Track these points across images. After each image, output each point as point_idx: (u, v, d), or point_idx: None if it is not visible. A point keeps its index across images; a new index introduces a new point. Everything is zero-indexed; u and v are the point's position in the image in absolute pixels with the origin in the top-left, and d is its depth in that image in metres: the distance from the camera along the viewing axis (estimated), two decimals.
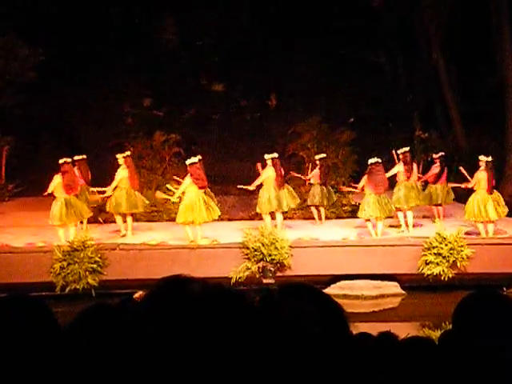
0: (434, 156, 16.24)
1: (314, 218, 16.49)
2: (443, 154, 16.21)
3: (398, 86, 24.56)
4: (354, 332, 2.30)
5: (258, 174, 15.06)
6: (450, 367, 2.16)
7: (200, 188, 13.87)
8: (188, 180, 13.79)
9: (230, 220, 16.65)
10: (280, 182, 14.86)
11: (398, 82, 24.80)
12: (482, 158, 14.33)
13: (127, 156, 14.90)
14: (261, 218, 15.38)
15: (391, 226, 15.26)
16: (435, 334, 10.03)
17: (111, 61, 22.43)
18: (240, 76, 24.09)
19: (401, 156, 15.25)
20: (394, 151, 15.66)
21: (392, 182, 15.17)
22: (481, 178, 14.15)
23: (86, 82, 22.29)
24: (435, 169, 15.81)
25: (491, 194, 14.11)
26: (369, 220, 14.32)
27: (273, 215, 14.99)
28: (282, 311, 1.63)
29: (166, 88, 23.32)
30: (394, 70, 25.13)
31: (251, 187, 15.06)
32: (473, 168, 14.72)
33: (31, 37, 20.65)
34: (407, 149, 15.38)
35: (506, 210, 14.32)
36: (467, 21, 22.15)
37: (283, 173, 15.14)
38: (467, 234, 14.21)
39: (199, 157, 14.55)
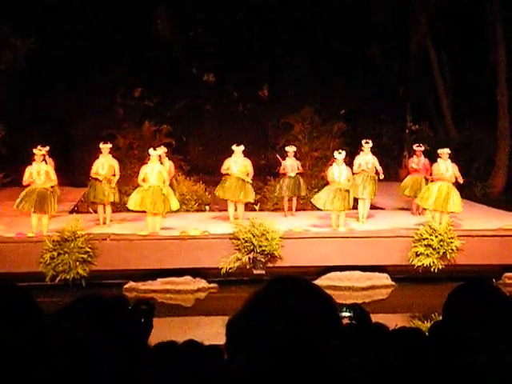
0: (419, 149, 16.19)
1: (306, 209, 16.53)
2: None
3: (390, 78, 24.57)
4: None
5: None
6: (440, 358, 2.16)
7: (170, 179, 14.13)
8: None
9: (220, 211, 16.64)
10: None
11: (391, 75, 24.81)
12: (445, 150, 14.38)
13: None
14: (252, 209, 15.42)
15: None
16: (425, 325, 10.07)
17: (103, 51, 22.34)
18: (232, 67, 24.04)
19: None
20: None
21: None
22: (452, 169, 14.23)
23: (78, 73, 22.20)
24: (427, 163, 15.82)
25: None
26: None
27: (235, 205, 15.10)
28: (273, 305, 1.63)
29: (158, 78, 23.26)
30: (386, 62, 25.13)
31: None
32: (463, 160, 14.81)
33: (23, 27, 20.54)
34: None
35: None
36: (461, 15, 22.16)
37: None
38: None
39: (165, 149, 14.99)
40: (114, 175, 14.84)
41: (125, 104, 23.37)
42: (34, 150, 13.86)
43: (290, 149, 16.18)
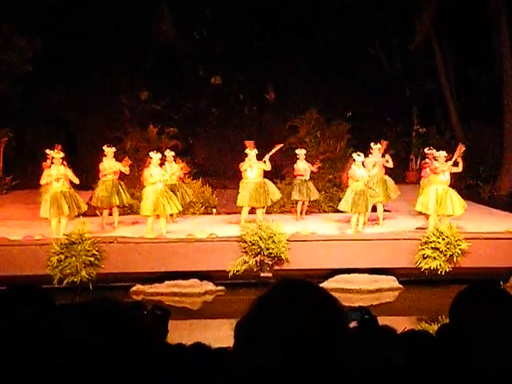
0: (430, 152, 15.99)
1: (313, 212, 16.52)
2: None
3: (396, 79, 24.56)
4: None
5: None
6: (447, 360, 2.16)
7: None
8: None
9: (227, 213, 16.65)
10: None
11: (396, 76, 24.80)
12: (441, 153, 14.25)
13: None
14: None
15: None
16: (432, 328, 10.05)
17: (109, 53, 22.39)
18: (238, 69, 24.07)
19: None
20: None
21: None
22: (445, 170, 14.14)
23: (84, 75, 22.26)
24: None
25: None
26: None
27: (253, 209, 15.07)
28: (280, 307, 1.64)
29: (164, 81, 23.30)
30: (392, 63, 25.13)
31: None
32: (470, 163, 14.75)
33: (28, 28, 20.60)
34: None
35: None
36: (466, 15, 22.13)
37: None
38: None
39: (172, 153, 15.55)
40: (120, 178, 14.98)
41: (131, 106, 23.42)
42: (53, 153, 14.02)
43: (301, 152, 16.10)
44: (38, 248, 13.21)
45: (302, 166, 15.91)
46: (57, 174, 13.74)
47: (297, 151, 16.25)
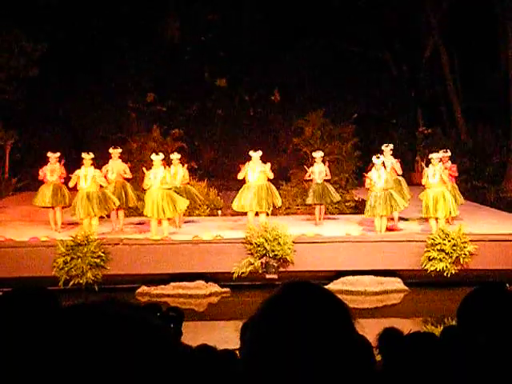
0: (446, 155, 15.53)
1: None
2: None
3: (401, 82, 24.54)
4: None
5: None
6: (453, 362, 2.16)
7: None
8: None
9: (233, 215, 16.65)
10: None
11: (402, 78, 24.78)
12: (434, 155, 14.13)
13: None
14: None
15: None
16: (438, 330, 10.02)
17: (115, 56, 22.44)
18: (244, 71, 24.09)
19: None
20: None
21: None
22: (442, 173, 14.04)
23: (90, 78, 22.31)
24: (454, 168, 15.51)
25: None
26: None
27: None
28: (287, 310, 1.64)
29: (170, 83, 23.33)
30: (397, 66, 25.11)
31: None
32: (476, 164, 14.72)
33: (35, 32, 20.66)
34: None
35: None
36: (471, 17, 22.11)
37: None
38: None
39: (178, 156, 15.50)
40: (126, 179, 15.03)
41: (137, 109, 23.46)
42: (83, 155, 14.11)
43: (317, 154, 15.58)
44: (43, 249, 13.24)
45: (318, 169, 15.48)
46: (84, 174, 13.82)
47: (314, 154, 15.82)
